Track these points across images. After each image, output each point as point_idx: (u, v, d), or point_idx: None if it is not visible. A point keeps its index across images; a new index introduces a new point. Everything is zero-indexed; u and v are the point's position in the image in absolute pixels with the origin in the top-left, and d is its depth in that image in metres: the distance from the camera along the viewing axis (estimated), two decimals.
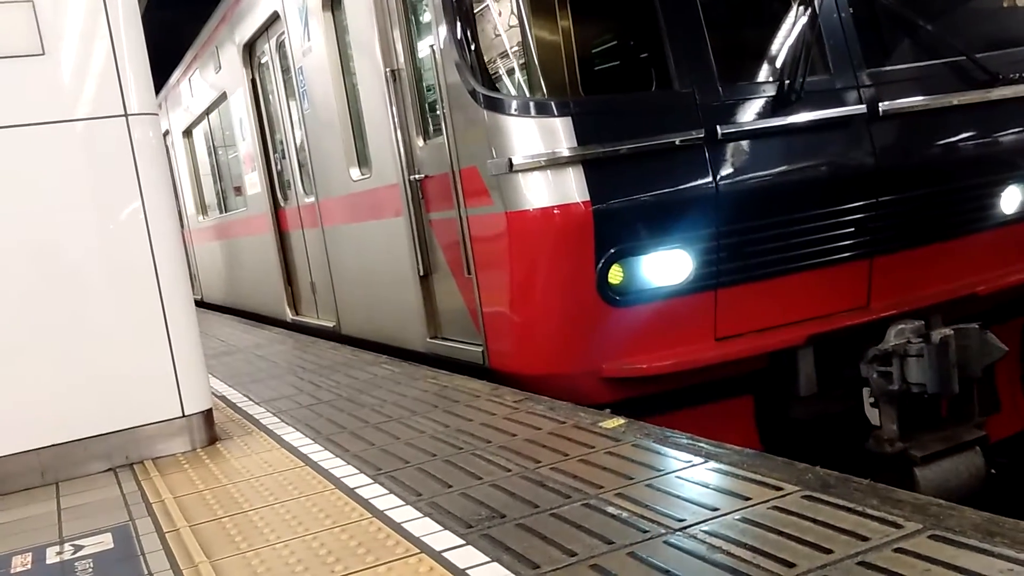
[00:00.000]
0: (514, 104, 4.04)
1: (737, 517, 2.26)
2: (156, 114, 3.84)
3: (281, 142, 7.62)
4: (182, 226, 12.71)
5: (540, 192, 3.93)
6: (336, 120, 5.95)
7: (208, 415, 3.85)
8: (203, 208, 11.79)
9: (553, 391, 3.94)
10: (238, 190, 10.12)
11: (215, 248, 11.12)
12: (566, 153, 3.89)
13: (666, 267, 4.04)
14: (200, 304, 12.28)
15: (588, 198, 3.86)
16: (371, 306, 6.05)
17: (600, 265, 3.93)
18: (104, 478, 3.53)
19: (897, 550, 1.96)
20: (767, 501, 2.34)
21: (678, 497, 2.46)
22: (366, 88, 5.39)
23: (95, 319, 3.62)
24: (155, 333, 3.68)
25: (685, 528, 2.23)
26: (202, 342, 3.94)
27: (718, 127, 4.04)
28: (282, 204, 7.86)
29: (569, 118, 3.92)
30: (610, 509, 2.43)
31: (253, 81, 8.03)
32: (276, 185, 7.97)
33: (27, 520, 3.13)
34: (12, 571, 2.63)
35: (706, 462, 2.71)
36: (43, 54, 3.52)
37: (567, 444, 3.10)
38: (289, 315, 8.08)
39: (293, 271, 7.95)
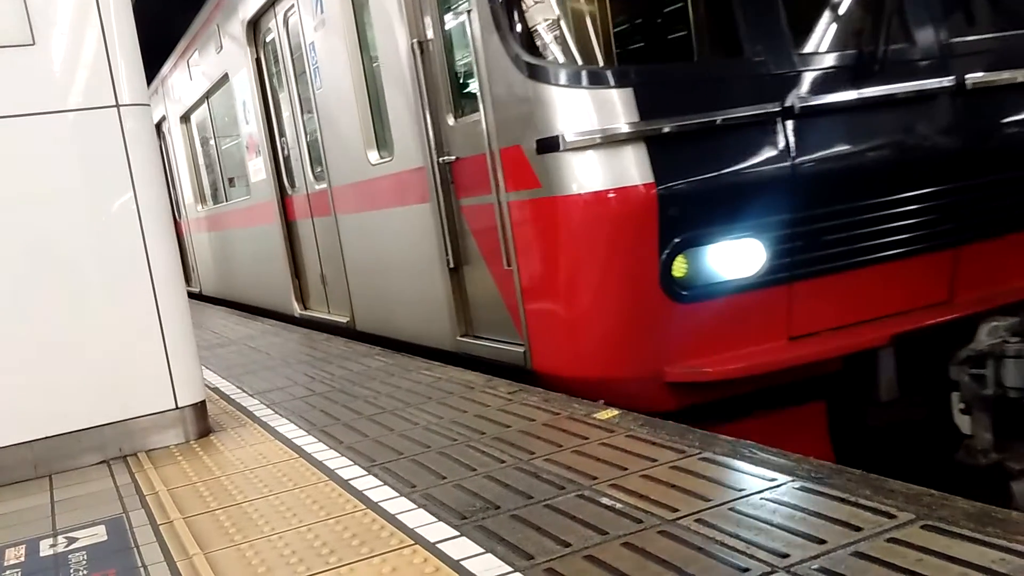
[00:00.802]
0: (565, 73, 3.60)
1: (730, 507, 2.27)
2: (148, 104, 3.81)
3: (289, 125, 7.17)
4: (179, 216, 12.36)
5: (595, 173, 3.52)
6: (352, 99, 5.50)
7: (201, 407, 3.85)
8: (202, 197, 11.30)
9: (607, 398, 3.55)
10: (232, 182, 9.84)
11: (215, 239, 10.63)
12: (626, 129, 3.48)
13: (737, 258, 3.67)
14: (198, 297, 11.95)
15: (652, 180, 3.47)
16: (391, 301, 5.60)
17: (664, 256, 3.54)
18: (97, 470, 3.52)
19: (890, 540, 1.96)
20: (760, 491, 2.34)
21: (672, 488, 2.46)
22: (388, 63, 4.95)
23: (87, 311, 3.60)
24: (148, 325, 3.67)
25: (679, 519, 2.24)
26: (195, 334, 3.93)
27: (793, 100, 3.68)
28: (289, 192, 7.39)
29: (629, 89, 3.51)
30: (604, 500, 2.43)
31: (258, 60, 7.50)
32: (283, 171, 7.48)
33: (20, 513, 3.13)
34: (6, 563, 2.62)
35: (700, 453, 2.72)
36: (33, 44, 3.50)
37: (561, 435, 3.10)
38: (297, 309, 7.62)
39: (301, 263, 7.48)
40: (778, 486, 2.37)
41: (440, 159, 4.52)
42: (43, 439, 3.55)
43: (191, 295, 12.00)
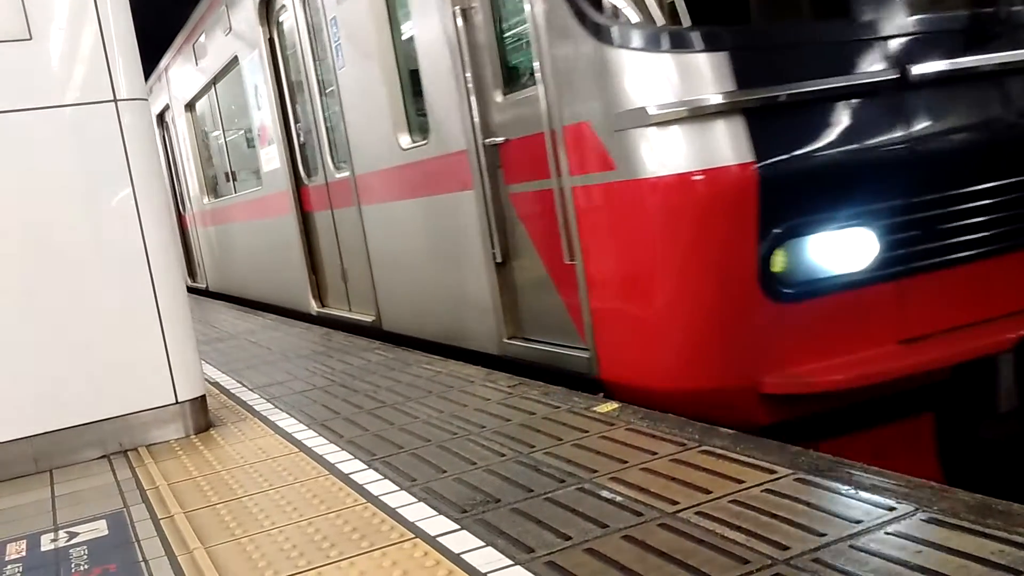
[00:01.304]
0: (644, 36, 3.11)
1: (730, 500, 2.27)
2: (146, 99, 3.81)
3: (306, 110, 6.62)
4: (183, 210, 11.98)
5: (682, 152, 3.08)
6: (381, 78, 5.02)
7: (201, 402, 3.85)
8: (209, 188, 10.73)
9: (689, 411, 3.11)
10: (241, 172, 9.34)
11: (223, 232, 10.02)
12: (719, 100, 3.04)
13: (845, 250, 3.24)
14: (204, 294, 11.57)
15: (751, 158, 3.03)
16: (425, 299, 5.08)
17: (763, 247, 3.09)
18: (98, 465, 3.52)
19: (890, 532, 1.96)
20: (760, 484, 2.35)
21: (672, 480, 2.46)
22: (424, 35, 4.47)
23: (87, 306, 3.60)
24: (147, 320, 3.67)
25: (679, 512, 2.24)
26: (195, 328, 3.93)
27: (911, 67, 3.21)
28: (306, 181, 6.87)
29: (723, 54, 3.06)
30: (604, 493, 2.44)
31: (271, 41, 6.92)
32: (299, 160, 6.96)
33: (21, 508, 3.13)
34: (7, 558, 2.63)
35: (699, 446, 2.72)
36: (30, 39, 3.49)
37: (561, 429, 3.10)
38: (314, 307, 7.12)
39: (319, 257, 6.97)
40: (778, 479, 2.37)
41: (486, 141, 4.05)
42: (43, 434, 3.55)
43: (196, 291, 11.53)
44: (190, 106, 10.59)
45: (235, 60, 7.92)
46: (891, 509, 2.08)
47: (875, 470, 2.35)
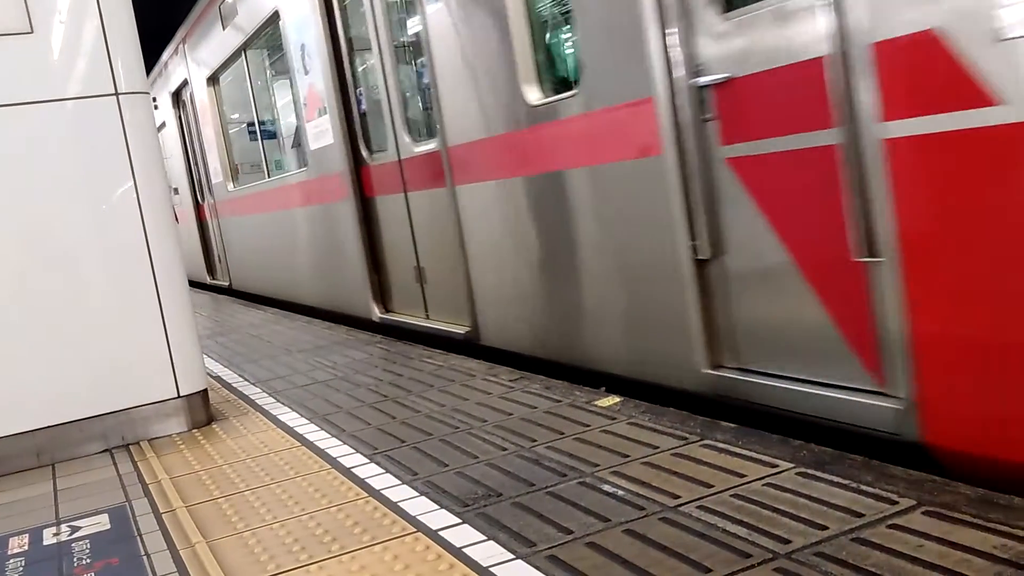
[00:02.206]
0: None
1: (732, 494, 2.27)
2: (148, 93, 3.81)
3: (371, 70, 5.48)
4: (202, 199, 10.98)
5: None
6: (506, 11, 3.86)
7: (203, 396, 3.85)
8: (235, 173, 9.40)
9: None
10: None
11: (252, 223, 8.69)
12: None
13: None
14: (227, 292, 10.37)
15: None
16: (559, 308, 3.92)
17: None
18: (100, 459, 3.53)
19: (891, 526, 1.96)
20: (762, 478, 2.35)
21: (673, 475, 2.46)
22: None
23: (89, 300, 3.61)
24: (149, 314, 3.67)
25: (680, 505, 2.24)
26: (196, 322, 3.93)
27: None
28: (367, 160, 5.72)
29: None
30: (606, 487, 2.44)
31: None
32: (359, 133, 5.79)
33: (23, 502, 3.13)
34: (9, 552, 2.63)
35: (701, 440, 2.72)
36: (31, 32, 3.49)
37: (563, 423, 3.10)
38: (376, 312, 5.94)
39: (382, 252, 5.83)
40: (780, 472, 2.37)
41: (692, 82, 2.94)
42: (46, 428, 3.56)
43: (216, 290, 10.87)
44: (213, 79, 9.25)
45: (275, 17, 6.73)
46: (892, 503, 2.08)
47: (876, 464, 2.34)
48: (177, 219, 4.02)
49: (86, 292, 3.61)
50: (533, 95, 3.85)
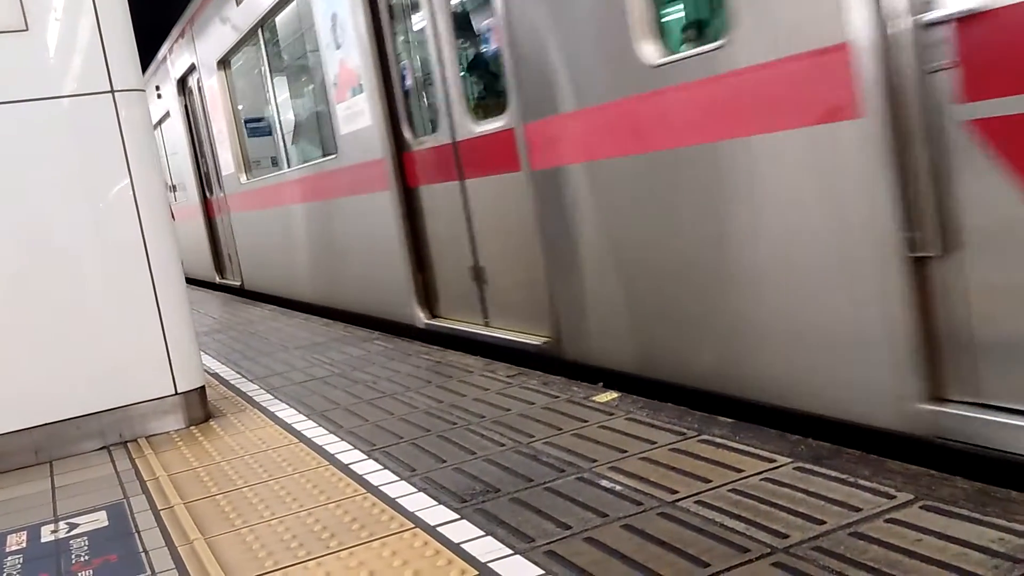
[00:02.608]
0: None
1: (730, 489, 2.27)
2: (143, 90, 3.80)
3: (417, 43, 4.88)
4: (210, 193, 10.27)
5: None
6: None
7: (201, 393, 3.85)
8: (248, 164, 8.67)
9: None
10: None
11: (270, 218, 7.97)
12: None
13: None
14: (239, 292, 9.62)
15: None
16: (691, 319, 3.19)
17: None
18: (98, 456, 3.52)
19: (889, 520, 1.97)
20: (760, 473, 2.35)
21: (671, 470, 2.46)
22: None
23: (85, 298, 3.60)
24: (146, 311, 3.66)
25: (678, 500, 2.24)
26: (194, 319, 3.93)
27: None
28: (411, 144, 5.05)
29: None
30: (604, 482, 2.44)
31: None
32: (402, 114, 5.12)
33: (21, 499, 3.13)
34: (7, 549, 2.63)
35: (699, 435, 2.72)
36: (26, 30, 3.48)
37: (561, 418, 3.11)
38: (420, 317, 5.26)
39: (427, 249, 5.17)
40: (777, 467, 2.37)
41: (917, 19, 2.22)
42: (43, 425, 3.56)
43: (226, 290, 10.04)
44: (224, 63, 8.55)
45: None
46: (890, 497, 2.08)
47: (874, 458, 2.35)
48: (173, 216, 3.97)
49: (82, 289, 3.60)
50: (650, 53, 3.11)
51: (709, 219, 3.00)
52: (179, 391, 3.74)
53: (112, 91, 3.60)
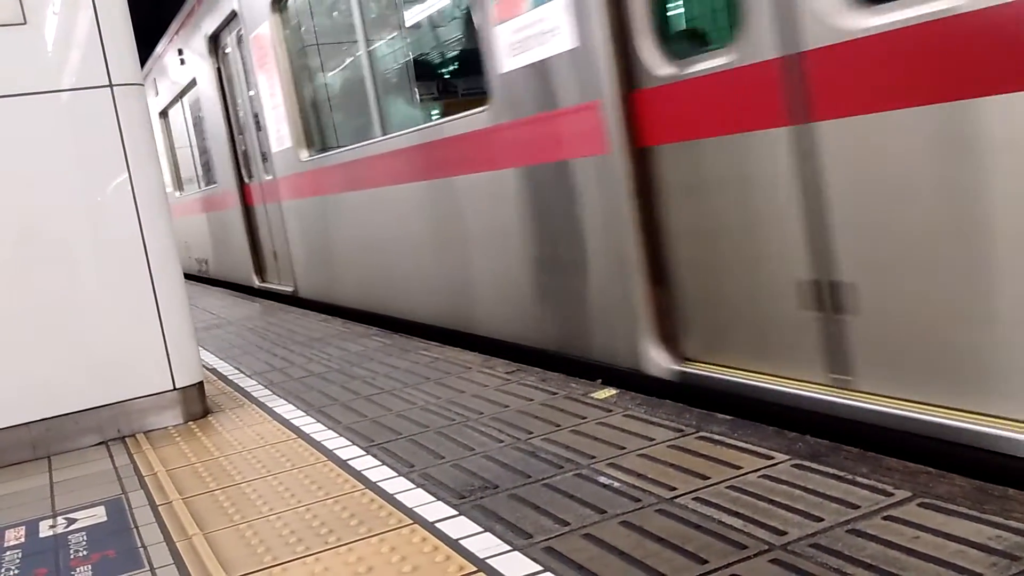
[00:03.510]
0: None
1: (728, 486, 2.27)
2: (142, 84, 3.79)
3: None
4: (249, 177, 8.36)
5: None
6: None
7: (199, 388, 3.85)
8: (312, 137, 6.80)
9: None
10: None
11: (348, 205, 6.07)
12: None
13: None
14: (291, 300, 7.72)
15: None
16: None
17: None
18: (96, 451, 3.52)
19: (887, 518, 1.97)
20: (758, 470, 2.35)
21: (669, 466, 2.47)
22: None
23: (84, 293, 3.60)
24: (145, 306, 3.66)
25: (676, 497, 2.25)
26: (192, 315, 3.93)
27: None
28: (656, 75, 3.14)
29: None
30: (602, 479, 2.44)
31: None
32: (640, 21, 3.16)
33: (19, 494, 3.13)
34: (6, 544, 2.63)
35: (697, 432, 2.72)
36: (25, 23, 3.47)
37: (559, 415, 3.11)
38: (658, 360, 3.34)
39: (673, 249, 3.27)
40: (775, 464, 2.37)
41: None
42: (41, 420, 3.55)
43: (271, 296, 8.09)
44: (279, 3, 6.66)
45: None
46: (888, 494, 2.08)
47: (872, 456, 2.35)
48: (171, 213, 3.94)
49: (81, 284, 3.60)
50: None
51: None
52: (177, 386, 3.74)
53: (110, 85, 3.59)
